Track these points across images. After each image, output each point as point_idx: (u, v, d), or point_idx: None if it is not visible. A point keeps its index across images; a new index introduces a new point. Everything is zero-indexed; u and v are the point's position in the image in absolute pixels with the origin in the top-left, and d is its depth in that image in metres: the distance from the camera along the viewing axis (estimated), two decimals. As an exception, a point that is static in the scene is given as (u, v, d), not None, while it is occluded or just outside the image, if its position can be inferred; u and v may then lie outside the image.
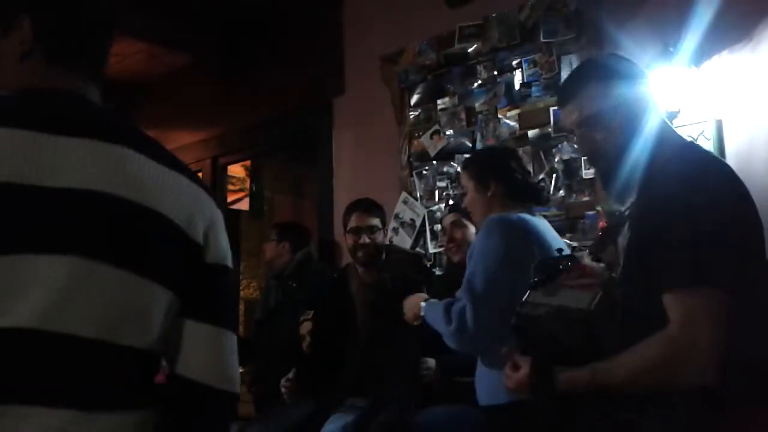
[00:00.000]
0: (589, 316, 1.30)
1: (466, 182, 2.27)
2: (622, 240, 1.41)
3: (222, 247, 0.99)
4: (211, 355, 0.95)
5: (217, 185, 4.64)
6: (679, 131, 1.59)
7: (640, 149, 1.37)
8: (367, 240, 2.67)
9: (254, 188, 5.90)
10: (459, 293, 2.08)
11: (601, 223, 2.73)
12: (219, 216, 1.00)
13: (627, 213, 1.47)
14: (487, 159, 2.36)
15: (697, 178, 1.28)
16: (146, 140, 0.98)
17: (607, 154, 1.41)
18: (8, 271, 0.82)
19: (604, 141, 1.40)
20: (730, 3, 2.44)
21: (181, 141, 4.80)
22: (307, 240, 3.70)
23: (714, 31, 2.46)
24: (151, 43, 4.39)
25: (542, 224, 2.19)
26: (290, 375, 2.70)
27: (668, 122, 1.48)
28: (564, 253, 1.73)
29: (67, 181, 0.85)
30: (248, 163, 5.66)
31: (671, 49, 2.50)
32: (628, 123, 1.39)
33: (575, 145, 1.56)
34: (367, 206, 2.79)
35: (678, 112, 2.53)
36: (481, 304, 1.97)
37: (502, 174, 2.22)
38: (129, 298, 0.88)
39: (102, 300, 0.85)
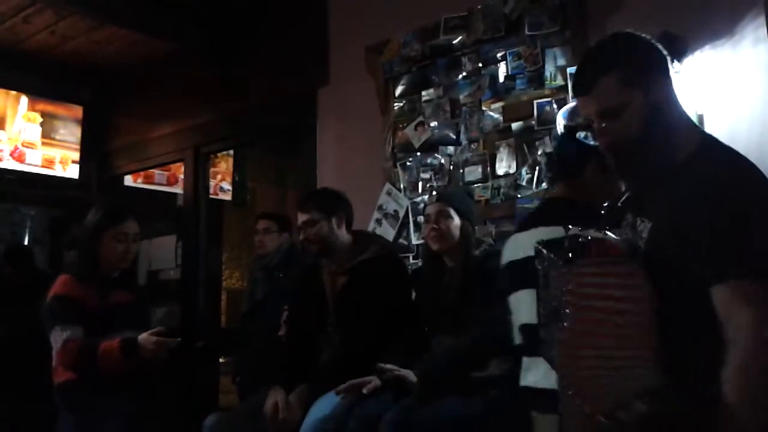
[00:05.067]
0: None
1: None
2: (641, 228, 1.33)
3: None
4: None
5: (199, 175, 4.59)
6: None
7: (661, 140, 1.31)
8: (307, 235, 2.60)
9: (237, 178, 5.88)
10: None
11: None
12: None
13: (639, 202, 1.39)
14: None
15: (738, 168, 1.24)
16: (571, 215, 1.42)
17: (626, 147, 1.33)
18: None
19: (624, 133, 1.32)
20: (712, -2, 2.47)
21: (163, 130, 4.75)
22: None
23: (696, 27, 2.49)
24: (133, 31, 4.34)
25: None
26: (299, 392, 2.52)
27: (688, 113, 1.41)
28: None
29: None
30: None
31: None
32: (648, 114, 1.31)
33: (595, 138, 1.46)
34: (301, 201, 2.73)
35: (660, 106, 2.54)
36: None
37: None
38: None
39: None
